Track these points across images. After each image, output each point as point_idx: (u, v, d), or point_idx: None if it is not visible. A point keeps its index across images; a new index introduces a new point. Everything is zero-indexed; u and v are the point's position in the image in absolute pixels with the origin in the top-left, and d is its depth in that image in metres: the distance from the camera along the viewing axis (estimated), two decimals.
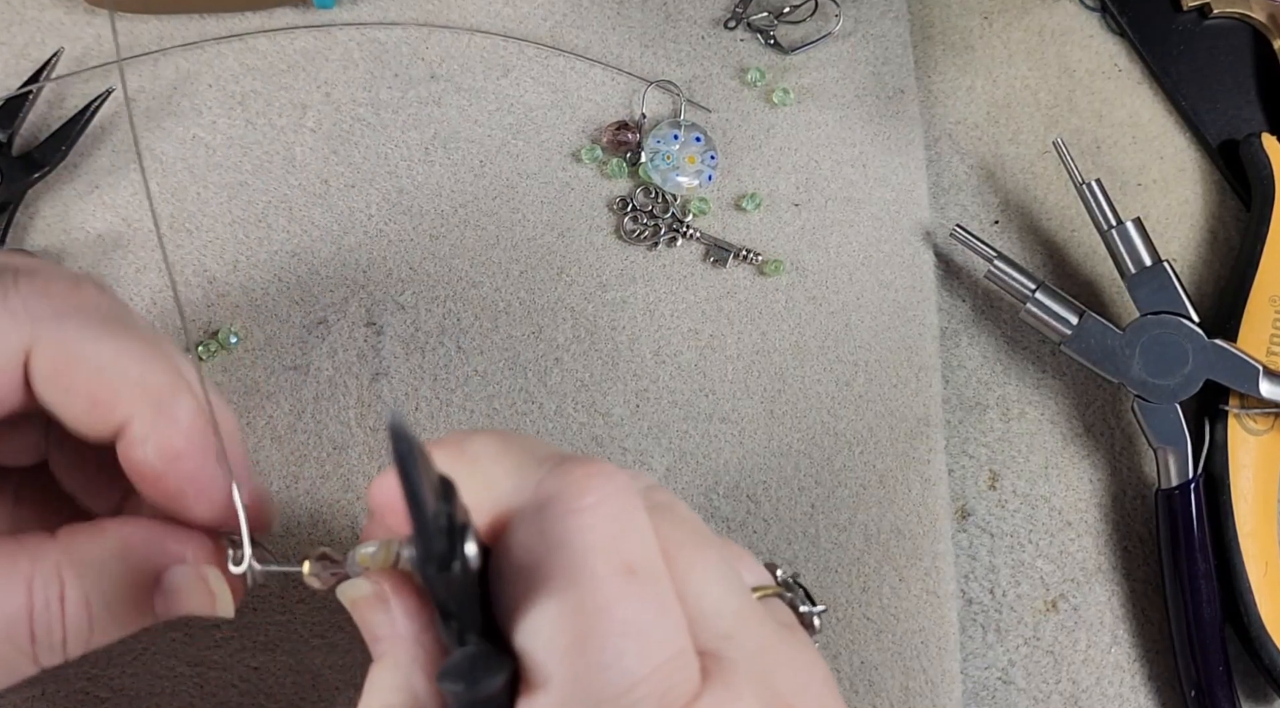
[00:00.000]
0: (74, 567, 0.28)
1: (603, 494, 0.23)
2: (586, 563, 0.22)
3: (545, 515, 0.23)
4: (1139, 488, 0.43)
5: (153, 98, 0.43)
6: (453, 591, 0.22)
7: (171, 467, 0.28)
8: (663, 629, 0.22)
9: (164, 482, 0.28)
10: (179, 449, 0.28)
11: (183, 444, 0.28)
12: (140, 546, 0.29)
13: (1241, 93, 0.46)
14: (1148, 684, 0.42)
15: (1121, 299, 0.44)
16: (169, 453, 0.28)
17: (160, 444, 0.28)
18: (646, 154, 0.43)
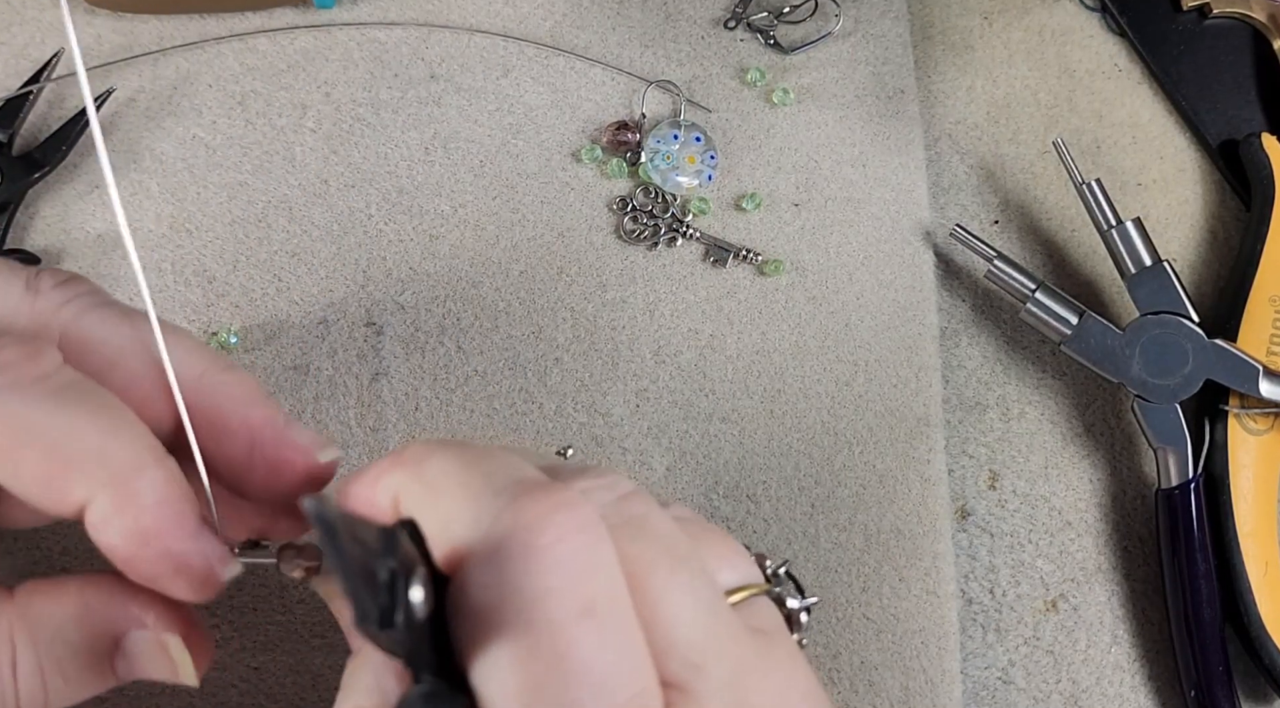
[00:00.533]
0: (28, 631, 0.27)
1: (561, 532, 0.22)
2: (543, 606, 0.21)
3: (501, 555, 0.22)
4: (1139, 488, 0.43)
5: (153, 98, 0.42)
6: (399, 642, 0.22)
7: (140, 551, 0.26)
8: (623, 671, 0.22)
9: (135, 565, 0.26)
10: (146, 530, 0.26)
11: (150, 524, 0.26)
12: (100, 608, 0.27)
13: (1241, 93, 0.46)
14: (1148, 684, 0.42)
15: (1121, 299, 0.44)
16: (135, 536, 0.26)
17: (124, 528, 0.26)
18: (646, 154, 0.43)
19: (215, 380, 0.29)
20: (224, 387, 0.29)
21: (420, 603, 0.21)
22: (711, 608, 0.24)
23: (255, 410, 0.29)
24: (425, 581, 0.22)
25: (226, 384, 0.29)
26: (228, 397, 0.29)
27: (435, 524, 0.23)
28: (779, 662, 0.24)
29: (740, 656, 0.24)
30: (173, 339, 0.29)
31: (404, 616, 0.21)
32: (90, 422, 0.26)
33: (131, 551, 0.26)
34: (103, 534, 0.26)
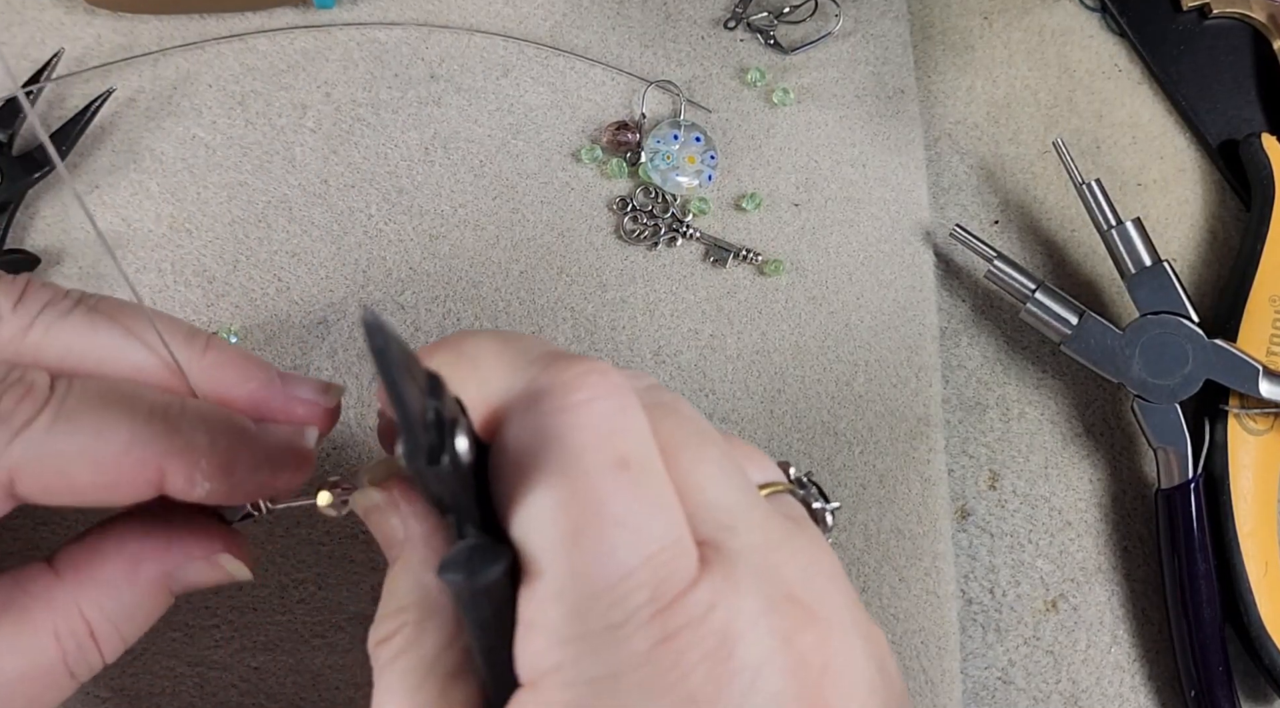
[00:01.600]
0: (93, 603, 0.28)
1: (595, 392, 0.23)
2: (579, 457, 0.22)
3: (538, 411, 0.23)
4: (1139, 488, 0.43)
5: (153, 98, 0.42)
6: (445, 484, 0.23)
7: (232, 480, 0.28)
8: (656, 520, 0.23)
9: (235, 494, 0.28)
10: (220, 464, 0.27)
11: (219, 459, 0.27)
12: (147, 558, 0.29)
13: (1241, 93, 0.46)
14: (1147, 684, 0.42)
15: (1121, 299, 0.44)
16: (218, 472, 0.27)
17: (207, 471, 0.27)
18: (646, 154, 0.43)
19: (200, 367, 0.29)
20: (211, 370, 0.29)
21: (465, 451, 0.22)
22: (741, 485, 0.25)
23: (249, 383, 0.30)
24: (468, 431, 0.23)
25: (212, 367, 0.29)
26: (218, 380, 0.29)
27: (475, 391, 0.24)
28: (807, 543, 0.25)
29: (770, 529, 0.24)
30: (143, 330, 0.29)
31: (450, 458, 0.21)
32: (107, 415, 0.27)
33: (223, 487, 0.28)
34: (193, 492, 0.27)
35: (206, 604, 0.38)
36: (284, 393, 0.30)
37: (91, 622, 0.28)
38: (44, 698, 0.28)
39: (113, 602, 0.28)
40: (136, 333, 0.29)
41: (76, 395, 0.27)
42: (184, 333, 0.30)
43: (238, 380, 0.29)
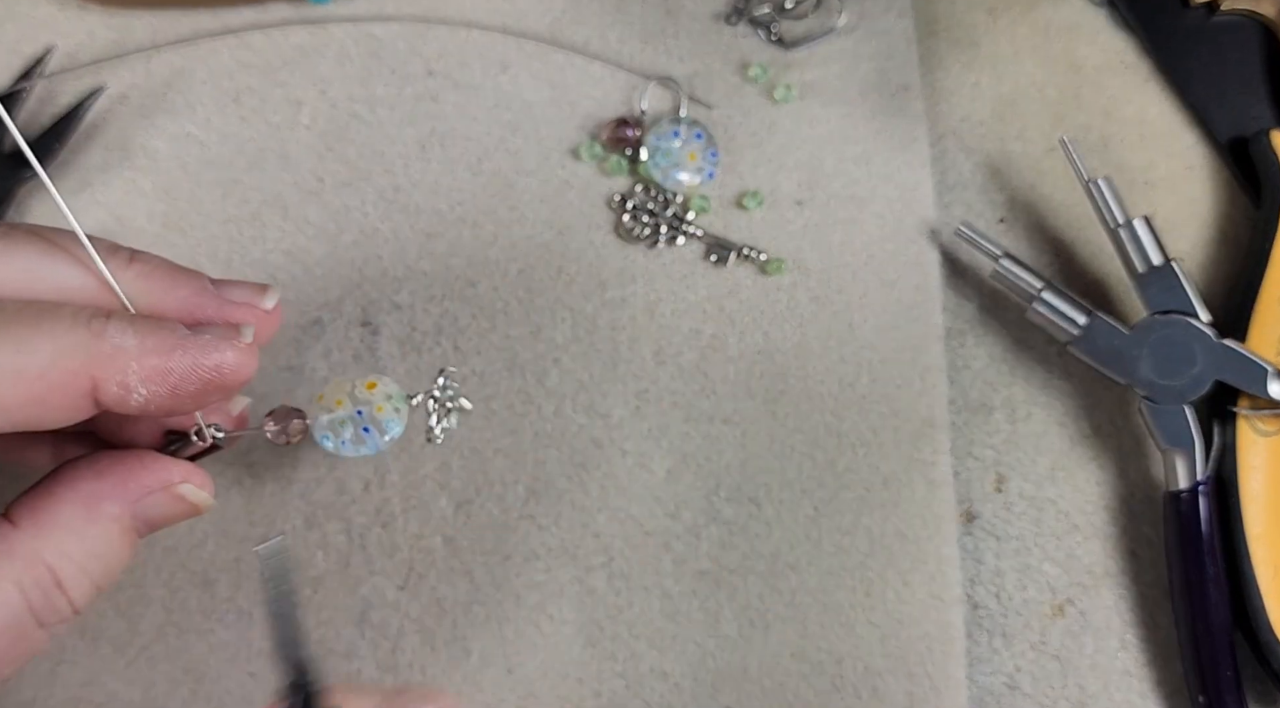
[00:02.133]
0: (55, 548, 0.28)
1: None
2: None
3: None
4: (1147, 490, 0.43)
5: (146, 94, 0.42)
6: None
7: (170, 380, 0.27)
8: None
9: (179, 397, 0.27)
10: (153, 366, 0.27)
11: (151, 359, 0.27)
12: (103, 499, 0.28)
13: (1251, 89, 0.46)
14: (1156, 690, 0.41)
15: (1130, 299, 0.43)
16: (154, 376, 0.27)
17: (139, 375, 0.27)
18: (647, 151, 0.43)
19: (126, 278, 0.29)
20: (138, 281, 0.29)
21: None
22: None
23: (180, 290, 0.29)
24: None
25: (139, 278, 0.29)
26: (147, 291, 0.29)
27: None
28: None
29: None
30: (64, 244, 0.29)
31: None
32: (27, 328, 0.26)
33: (163, 390, 0.27)
34: (130, 399, 0.27)
35: (203, 607, 0.38)
36: (217, 297, 0.30)
37: (55, 568, 0.28)
38: (14, 651, 0.28)
39: (76, 545, 0.28)
40: (58, 248, 0.28)
41: None
42: (107, 246, 0.29)
43: (167, 288, 0.29)
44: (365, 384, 0.34)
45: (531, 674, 0.38)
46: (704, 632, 0.39)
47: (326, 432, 0.34)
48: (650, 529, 0.40)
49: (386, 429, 0.34)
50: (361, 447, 0.34)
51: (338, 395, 0.34)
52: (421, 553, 0.39)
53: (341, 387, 0.34)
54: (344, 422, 0.34)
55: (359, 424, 0.34)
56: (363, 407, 0.34)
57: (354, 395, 0.34)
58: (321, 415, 0.34)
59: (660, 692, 0.39)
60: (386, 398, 0.34)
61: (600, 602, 0.39)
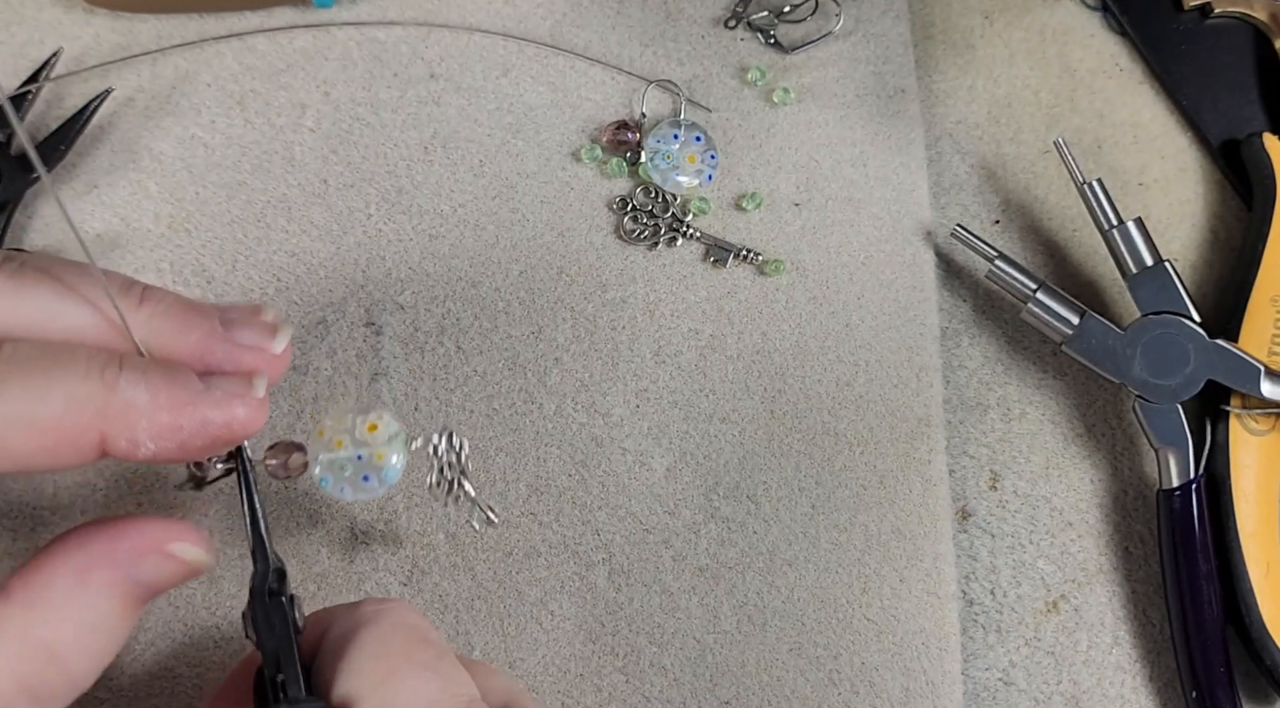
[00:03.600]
0: (46, 622, 0.27)
1: (398, 603, 0.30)
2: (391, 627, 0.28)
3: (355, 611, 0.29)
4: (1140, 488, 0.43)
5: (151, 97, 0.42)
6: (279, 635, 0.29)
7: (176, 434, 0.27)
8: (459, 673, 0.28)
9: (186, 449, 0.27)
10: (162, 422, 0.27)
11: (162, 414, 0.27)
12: (96, 566, 0.28)
13: (1243, 92, 0.46)
14: (1149, 686, 0.41)
15: (1123, 299, 0.44)
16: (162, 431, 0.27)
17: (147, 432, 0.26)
18: (646, 153, 0.43)
19: (137, 320, 0.28)
20: (149, 322, 0.29)
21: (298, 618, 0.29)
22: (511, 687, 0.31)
23: (192, 335, 0.29)
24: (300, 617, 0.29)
25: (150, 319, 0.29)
26: (158, 332, 0.29)
27: None
28: None
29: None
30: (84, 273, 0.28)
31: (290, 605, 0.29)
32: (42, 377, 0.26)
33: (172, 445, 0.27)
34: (139, 453, 0.27)
35: (206, 605, 0.38)
36: (228, 341, 0.29)
37: (50, 643, 0.27)
38: None
39: (71, 617, 0.27)
40: (69, 288, 0.28)
41: (6, 360, 0.26)
42: (120, 283, 0.29)
43: (179, 331, 0.29)
44: (367, 425, 0.33)
45: (533, 669, 0.39)
46: (703, 627, 0.40)
47: (326, 473, 0.33)
48: (650, 526, 0.40)
49: (386, 478, 0.33)
50: (361, 492, 0.33)
51: (338, 434, 0.33)
52: (424, 550, 0.39)
53: (342, 423, 0.33)
54: (344, 464, 0.33)
55: (359, 470, 0.33)
56: (363, 450, 0.33)
57: (355, 437, 0.33)
58: (321, 454, 0.33)
59: (660, 686, 0.39)
60: (388, 441, 0.33)
61: (600, 598, 0.39)
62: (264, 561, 0.30)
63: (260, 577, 0.29)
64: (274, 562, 0.30)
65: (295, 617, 0.29)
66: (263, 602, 0.29)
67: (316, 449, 0.33)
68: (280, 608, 0.29)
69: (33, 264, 0.28)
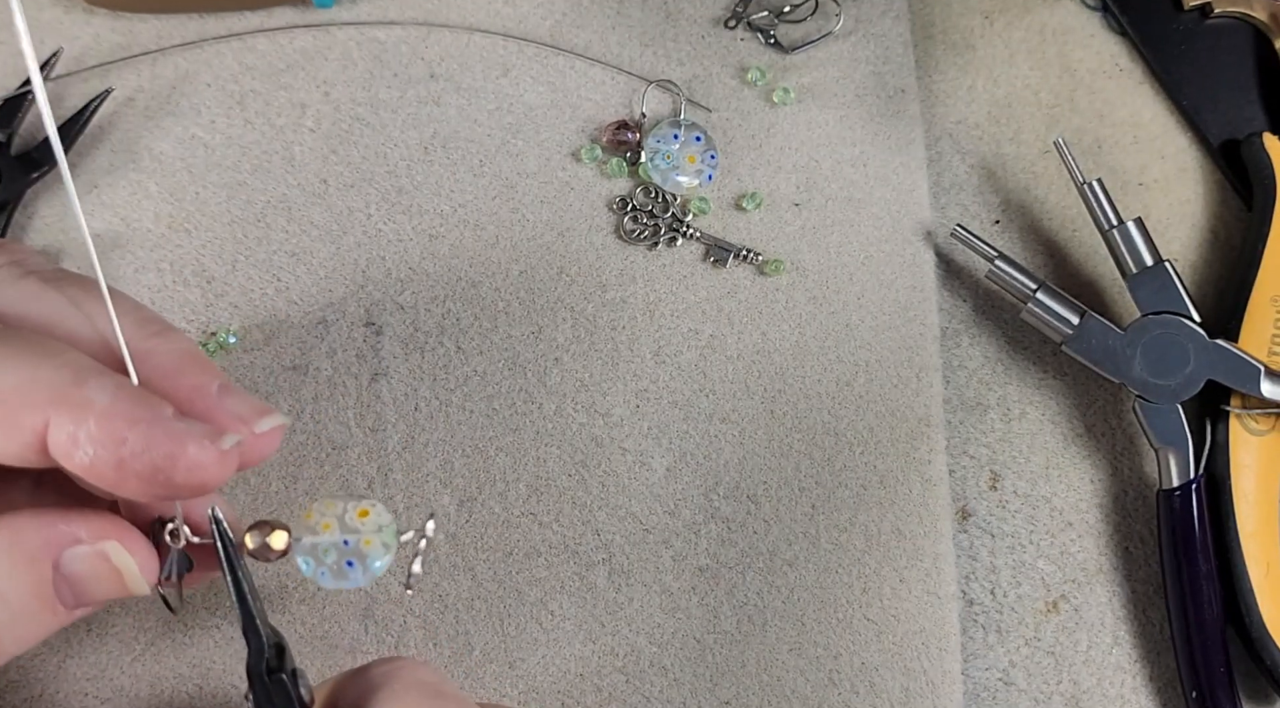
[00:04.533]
0: None
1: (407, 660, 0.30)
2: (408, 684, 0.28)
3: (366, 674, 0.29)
4: (1140, 488, 0.43)
5: (151, 97, 0.42)
6: None
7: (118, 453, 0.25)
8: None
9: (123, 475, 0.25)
10: (113, 431, 0.25)
11: (116, 423, 0.25)
12: (29, 535, 0.27)
13: (1243, 92, 0.46)
14: (1149, 685, 0.42)
15: (1123, 299, 0.44)
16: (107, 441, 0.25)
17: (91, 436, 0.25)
18: (646, 153, 0.43)
19: (143, 348, 0.28)
20: (151, 355, 0.28)
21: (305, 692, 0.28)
22: None
23: (184, 379, 0.28)
24: None
25: (154, 352, 0.28)
26: (154, 366, 0.28)
27: None
28: None
29: None
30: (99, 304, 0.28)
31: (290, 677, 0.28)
32: (19, 353, 0.25)
33: (110, 457, 0.25)
34: (74, 454, 0.25)
35: (207, 604, 0.38)
36: (217, 401, 0.28)
37: None
38: None
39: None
40: (84, 309, 0.28)
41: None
42: (139, 315, 0.28)
43: (175, 373, 0.28)
44: (358, 511, 0.31)
45: (533, 669, 0.39)
46: (703, 627, 0.40)
47: (308, 556, 0.31)
48: (650, 526, 0.40)
49: (370, 567, 0.31)
50: (342, 580, 0.31)
51: (327, 517, 0.31)
52: None
53: (333, 508, 0.31)
54: (328, 549, 0.31)
55: (343, 555, 0.31)
56: (350, 536, 0.31)
57: (344, 521, 0.31)
58: (306, 536, 0.31)
59: (660, 686, 0.39)
60: (377, 530, 0.31)
61: (600, 598, 0.40)
62: (257, 638, 0.28)
63: (256, 655, 0.28)
64: (270, 638, 0.28)
65: (300, 693, 0.28)
66: (262, 683, 0.27)
67: (300, 531, 0.31)
68: (282, 687, 0.27)
69: (64, 280, 0.28)
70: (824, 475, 0.41)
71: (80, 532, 0.27)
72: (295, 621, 0.38)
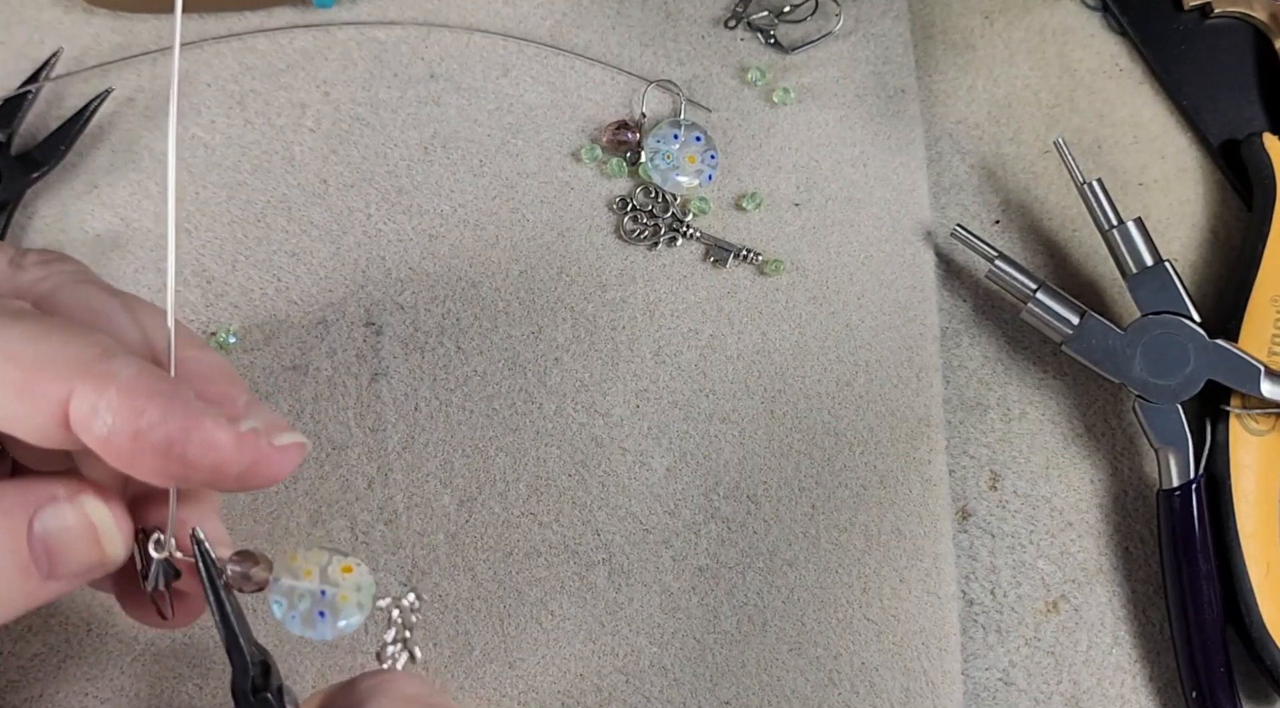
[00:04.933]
0: None
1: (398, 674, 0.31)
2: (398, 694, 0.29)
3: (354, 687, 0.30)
4: (1140, 488, 0.43)
5: (151, 97, 0.42)
6: None
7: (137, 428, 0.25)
8: None
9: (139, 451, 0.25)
10: (135, 404, 0.25)
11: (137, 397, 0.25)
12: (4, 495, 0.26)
13: (1243, 92, 0.46)
14: (1149, 685, 0.42)
15: (1123, 299, 0.44)
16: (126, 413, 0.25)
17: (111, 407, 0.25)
18: (646, 153, 0.43)
19: (181, 355, 0.28)
20: (187, 362, 0.28)
21: None
22: None
23: (213, 386, 0.28)
24: None
25: (190, 359, 0.28)
26: (186, 371, 0.28)
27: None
28: None
29: None
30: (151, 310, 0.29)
31: None
32: (53, 330, 0.25)
33: (127, 427, 0.25)
34: (93, 423, 0.25)
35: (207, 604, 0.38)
36: (244, 412, 0.27)
37: None
38: None
39: None
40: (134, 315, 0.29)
41: (37, 314, 0.26)
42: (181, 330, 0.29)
43: (204, 378, 0.28)
44: (342, 566, 0.31)
45: (533, 669, 0.39)
46: (703, 627, 0.40)
47: (282, 598, 0.31)
48: (650, 526, 0.40)
49: (338, 622, 0.31)
50: (309, 629, 0.31)
51: (310, 565, 0.31)
52: (425, 550, 0.39)
53: (318, 557, 0.31)
54: (303, 595, 0.31)
55: (317, 605, 0.31)
56: (329, 588, 0.31)
57: (325, 573, 0.31)
58: (285, 578, 0.31)
59: (660, 686, 0.39)
60: (355, 589, 0.31)
61: (601, 598, 0.40)
62: (241, 657, 0.28)
63: (241, 674, 0.28)
64: (254, 655, 0.28)
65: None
66: (248, 702, 0.28)
67: (280, 571, 0.31)
68: (268, 706, 0.28)
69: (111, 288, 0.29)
70: (824, 475, 0.41)
71: (57, 490, 0.27)
72: None
